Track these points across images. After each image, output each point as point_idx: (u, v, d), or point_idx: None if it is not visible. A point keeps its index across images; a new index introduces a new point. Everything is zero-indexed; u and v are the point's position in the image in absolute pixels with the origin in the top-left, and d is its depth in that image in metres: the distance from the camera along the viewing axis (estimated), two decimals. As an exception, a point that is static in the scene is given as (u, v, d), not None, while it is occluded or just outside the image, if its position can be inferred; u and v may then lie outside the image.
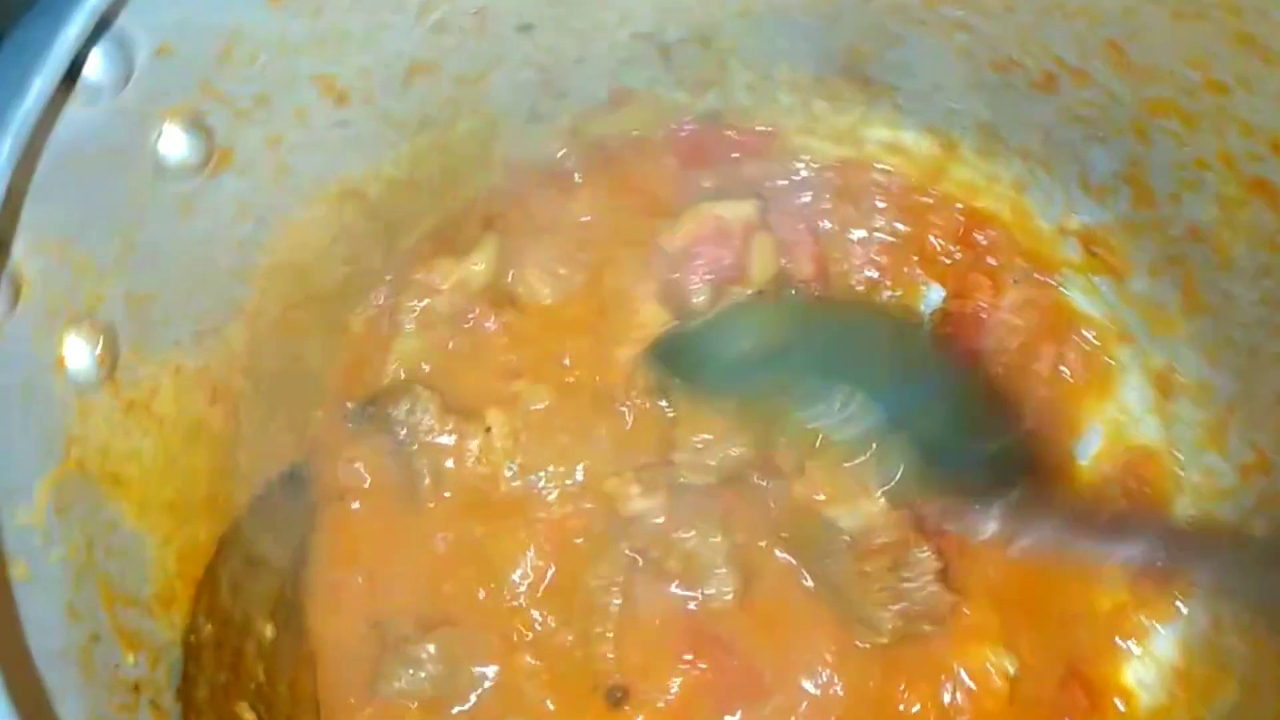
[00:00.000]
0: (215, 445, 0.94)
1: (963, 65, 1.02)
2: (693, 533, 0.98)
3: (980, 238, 1.13)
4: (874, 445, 0.96)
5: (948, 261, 1.11)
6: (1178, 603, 1.03)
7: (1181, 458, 1.05)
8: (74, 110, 0.70)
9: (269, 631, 0.95)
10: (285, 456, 1.01)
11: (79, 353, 0.79)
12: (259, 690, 0.91)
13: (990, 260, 1.13)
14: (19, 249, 0.71)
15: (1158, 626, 1.03)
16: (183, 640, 0.83)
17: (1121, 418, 1.09)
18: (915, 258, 1.11)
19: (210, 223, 0.91)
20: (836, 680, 0.96)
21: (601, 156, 1.12)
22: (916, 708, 0.97)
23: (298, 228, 1.00)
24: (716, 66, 1.10)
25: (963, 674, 0.98)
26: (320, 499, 1.03)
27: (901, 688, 0.97)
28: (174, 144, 0.83)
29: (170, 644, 0.82)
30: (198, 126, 0.84)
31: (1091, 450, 1.09)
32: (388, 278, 1.08)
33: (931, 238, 1.11)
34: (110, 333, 0.81)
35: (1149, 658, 1.02)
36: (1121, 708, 1.02)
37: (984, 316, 1.11)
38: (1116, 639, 1.03)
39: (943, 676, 0.98)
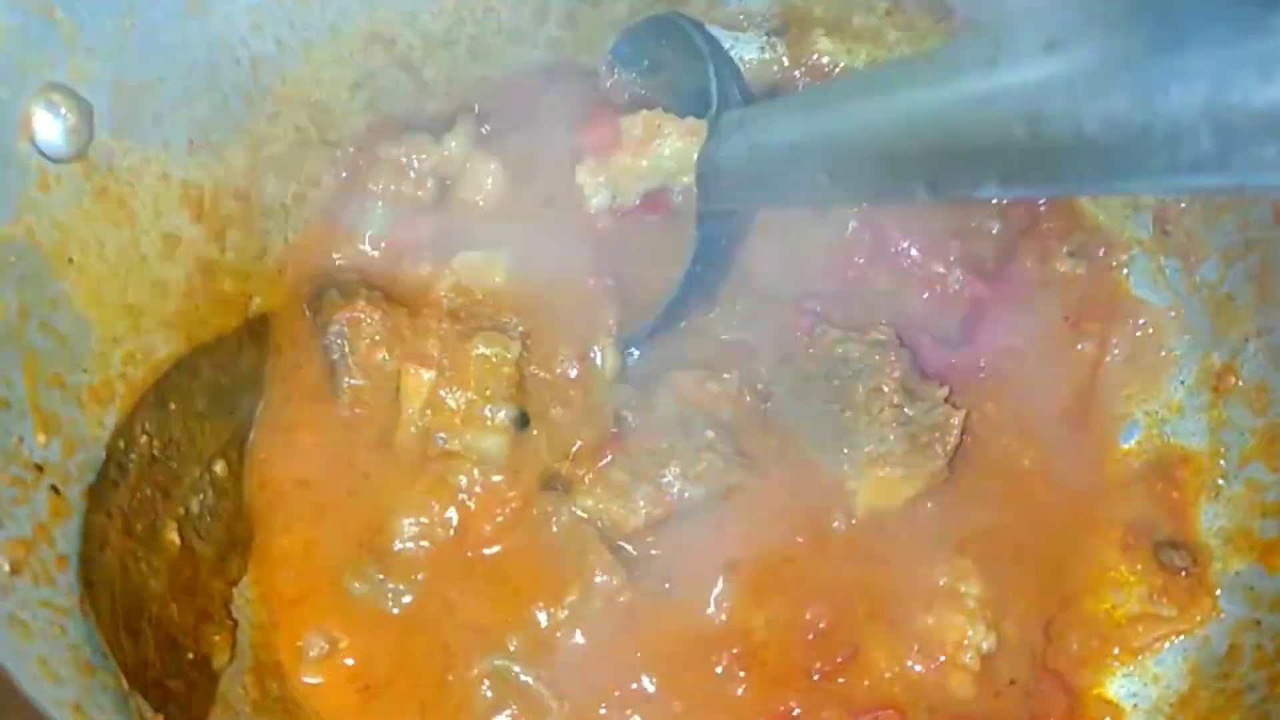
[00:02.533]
0: (194, 264, 0.91)
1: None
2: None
3: (1040, 203, 1.03)
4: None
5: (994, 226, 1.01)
6: (1199, 625, 0.93)
7: (1225, 465, 0.95)
8: None
9: (219, 468, 0.92)
10: (263, 301, 0.97)
11: (49, 121, 0.77)
12: (190, 518, 0.87)
13: (1047, 225, 1.03)
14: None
15: (1167, 644, 0.92)
16: (109, 442, 0.79)
17: (1165, 413, 0.99)
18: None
19: (223, 27, 0.88)
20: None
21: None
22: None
23: (318, 61, 0.96)
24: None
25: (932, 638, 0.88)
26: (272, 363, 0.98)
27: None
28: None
29: (93, 440, 0.79)
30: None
31: (1128, 442, 0.99)
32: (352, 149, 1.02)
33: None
34: (85, 112, 0.78)
35: (1149, 675, 0.92)
36: (1107, 722, 0.91)
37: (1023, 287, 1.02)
38: (1116, 648, 0.93)
39: (914, 641, 0.89)
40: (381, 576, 0.91)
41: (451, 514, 0.92)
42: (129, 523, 0.80)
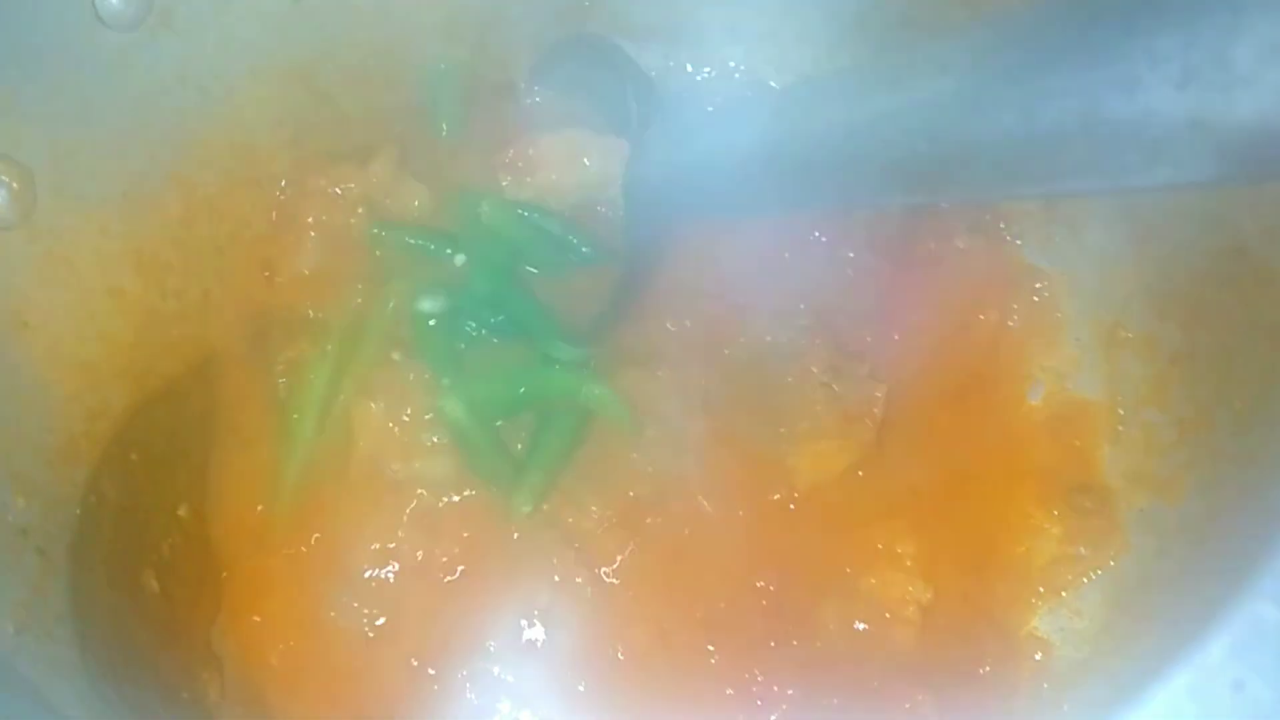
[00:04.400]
0: (139, 316, 0.93)
1: None
2: None
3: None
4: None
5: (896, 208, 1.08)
6: (1113, 560, 1.01)
7: (1122, 412, 1.03)
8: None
9: (183, 511, 0.94)
10: (205, 343, 0.98)
11: (-7, 190, 0.77)
12: (164, 562, 0.89)
13: (946, 205, 1.10)
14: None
15: (1085, 580, 1.01)
16: (82, 499, 0.81)
17: (1065, 369, 1.07)
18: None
19: (147, 83, 0.90)
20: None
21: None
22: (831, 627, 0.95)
23: (241, 103, 0.97)
24: None
25: (874, 598, 0.95)
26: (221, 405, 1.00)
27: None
28: (111, -11, 0.81)
29: (68, 499, 0.81)
30: (135, -26, 0.82)
31: (1034, 399, 1.07)
32: (282, 182, 1.04)
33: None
34: (26, 177, 0.80)
35: (1072, 609, 1.00)
36: (1038, 657, 1.00)
37: (927, 264, 1.09)
38: (1040, 588, 1.01)
39: (858, 601, 0.96)
40: (356, 603, 0.94)
41: (415, 538, 0.95)
42: (111, 575, 0.83)
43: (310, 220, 1.03)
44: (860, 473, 1.03)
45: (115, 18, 0.84)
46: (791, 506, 1.02)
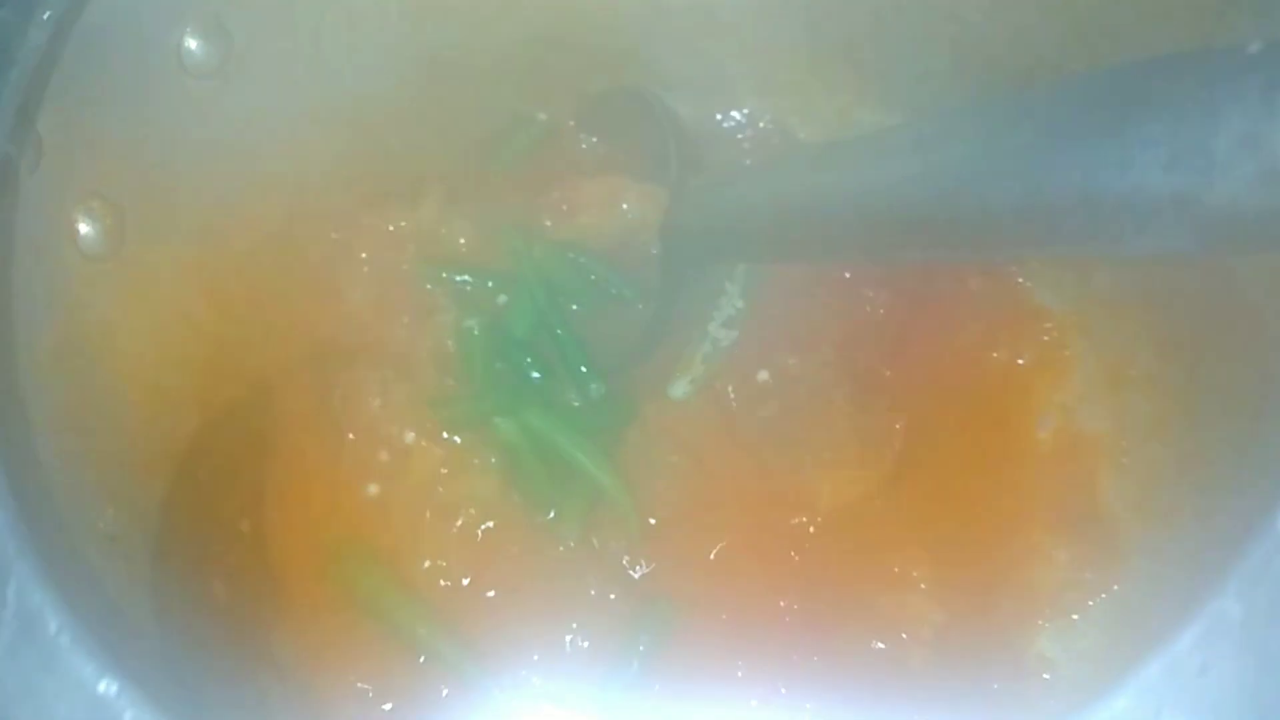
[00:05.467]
0: (207, 343, 0.99)
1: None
2: None
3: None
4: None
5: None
6: (1115, 584, 1.07)
7: (1126, 445, 1.09)
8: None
9: (244, 526, 0.99)
10: (266, 368, 1.05)
11: (89, 225, 0.84)
12: (228, 574, 0.95)
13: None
14: (41, 116, 0.76)
15: (1090, 603, 1.06)
16: (161, 510, 0.87)
17: (1073, 404, 1.13)
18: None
19: (221, 126, 0.96)
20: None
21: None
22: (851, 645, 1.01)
23: (302, 145, 1.04)
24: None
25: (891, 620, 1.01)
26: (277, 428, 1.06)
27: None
28: (195, 41, 0.88)
29: (150, 510, 0.87)
30: (217, 28, 0.89)
31: (1043, 432, 1.13)
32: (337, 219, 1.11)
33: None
34: (119, 212, 0.86)
35: (1077, 630, 1.06)
36: (1047, 676, 1.05)
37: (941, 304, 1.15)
38: (1048, 611, 1.06)
39: (876, 621, 1.01)
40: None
41: (462, 559, 1.01)
42: (185, 582, 0.89)
43: (364, 255, 1.09)
44: (878, 500, 1.08)
45: (197, 67, 0.90)
46: (813, 530, 1.07)
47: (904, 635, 1.04)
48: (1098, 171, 0.62)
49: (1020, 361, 1.17)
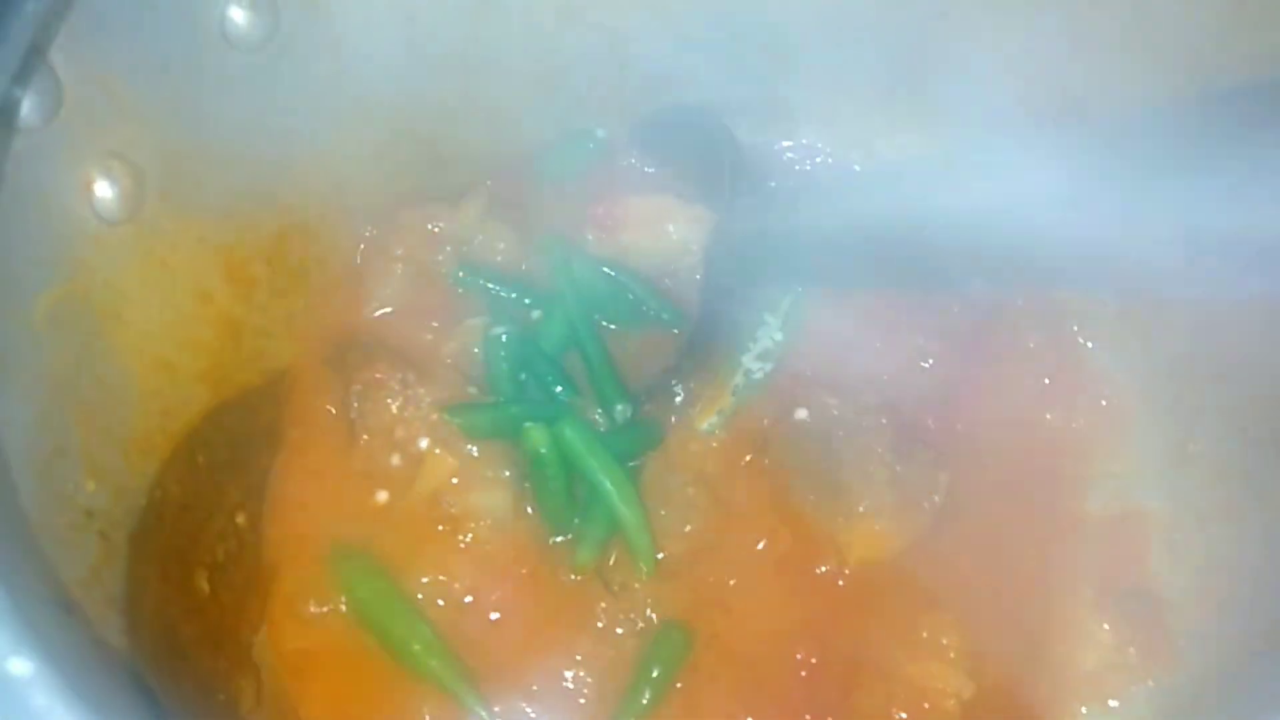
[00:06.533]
0: (223, 324, 0.96)
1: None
2: None
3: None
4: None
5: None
6: (1162, 672, 0.99)
7: (1183, 524, 1.02)
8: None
9: (241, 519, 0.95)
10: (283, 358, 1.01)
11: (107, 185, 0.81)
12: (217, 566, 0.90)
13: (1019, 303, 1.11)
14: (60, 63, 0.73)
15: (1134, 689, 0.99)
16: (149, 490, 0.83)
17: (1128, 475, 1.06)
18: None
19: (260, 104, 0.93)
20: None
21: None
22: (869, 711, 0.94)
23: (344, 135, 1.01)
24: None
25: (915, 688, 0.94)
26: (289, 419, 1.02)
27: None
28: (241, 12, 0.85)
29: (136, 489, 0.83)
30: (267, 1, 0.86)
31: (1094, 502, 1.06)
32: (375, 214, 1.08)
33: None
34: (139, 177, 0.84)
35: (1116, 718, 0.98)
36: (1079, 763, 0.97)
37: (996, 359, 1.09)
38: (1086, 692, 0.99)
39: (898, 687, 0.94)
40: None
41: (466, 576, 0.96)
42: (165, 569, 0.84)
43: (399, 253, 1.06)
44: (912, 557, 1.02)
45: (240, 39, 0.88)
46: (840, 583, 1.01)
47: (927, 706, 0.97)
48: (1201, 204, 0.56)
49: (1075, 426, 1.10)
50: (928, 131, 1.11)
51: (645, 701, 0.93)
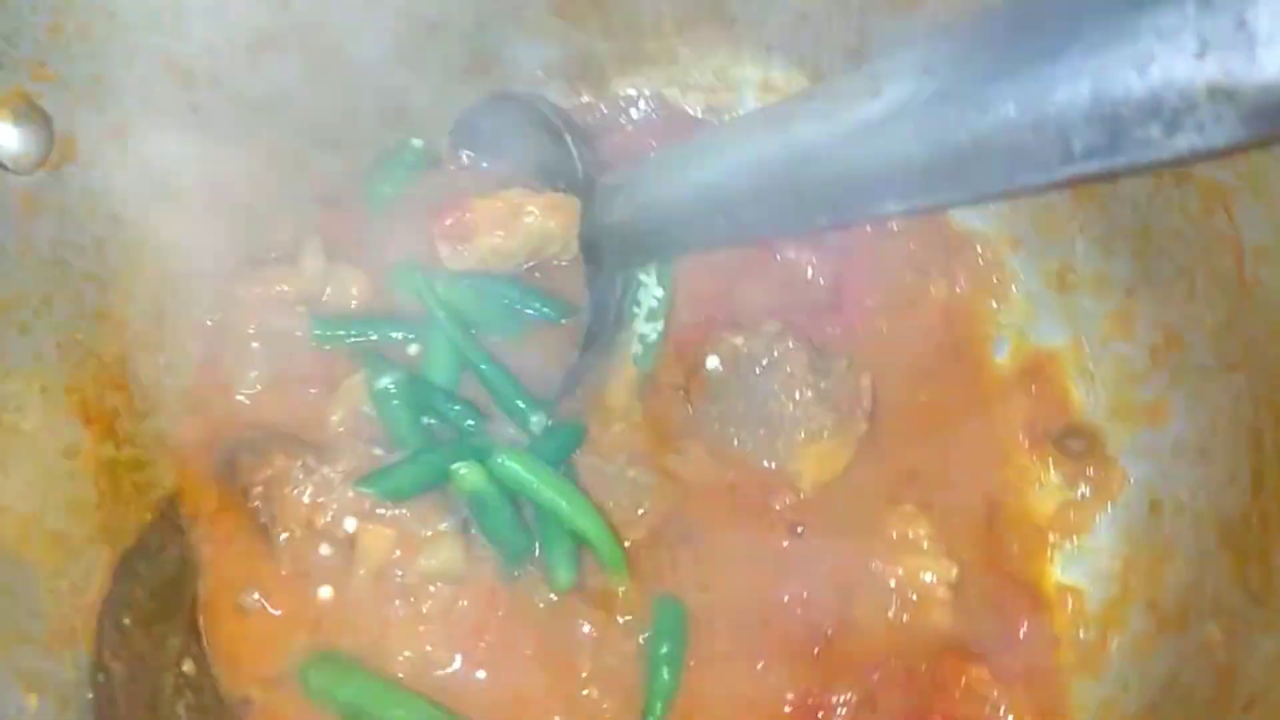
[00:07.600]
0: (98, 470, 0.87)
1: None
2: None
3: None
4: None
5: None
6: (1116, 495, 1.03)
7: (1089, 350, 1.05)
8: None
9: (188, 667, 0.87)
10: (168, 482, 0.92)
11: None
12: (183, 725, 0.82)
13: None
14: None
15: (1096, 519, 1.02)
16: (91, 681, 0.75)
17: (1022, 322, 1.09)
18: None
19: (60, 221, 0.83)
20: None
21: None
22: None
23: (158, 227, 0.92)
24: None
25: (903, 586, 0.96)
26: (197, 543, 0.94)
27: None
28: (8, 133, 0.75)
29: (77, 684, 0.74)
30: (32, 112, 0.76)
31: (1000, 356, 1.09)
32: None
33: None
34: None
35: (1090, 551, 1.02)
36: (1071, 605, 1.01)
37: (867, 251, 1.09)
38: (1053, 536, 1.02)
39: (890, 593, 0.95)
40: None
41: (444, 642, 0.91)
42: (137, 752, 0.76)
43: (251, 330, 0.97)
44: (861, 466, 1.02)
45: (16, 162, 0.77)
46: (802, 513, 1.00)
47: (921, 599, 0.98)
48: (1112, 75, 0.56)
49: (959, 290, 1.12)
50: (738, 54, 1.09)
51: (667, 678, 0.91)
